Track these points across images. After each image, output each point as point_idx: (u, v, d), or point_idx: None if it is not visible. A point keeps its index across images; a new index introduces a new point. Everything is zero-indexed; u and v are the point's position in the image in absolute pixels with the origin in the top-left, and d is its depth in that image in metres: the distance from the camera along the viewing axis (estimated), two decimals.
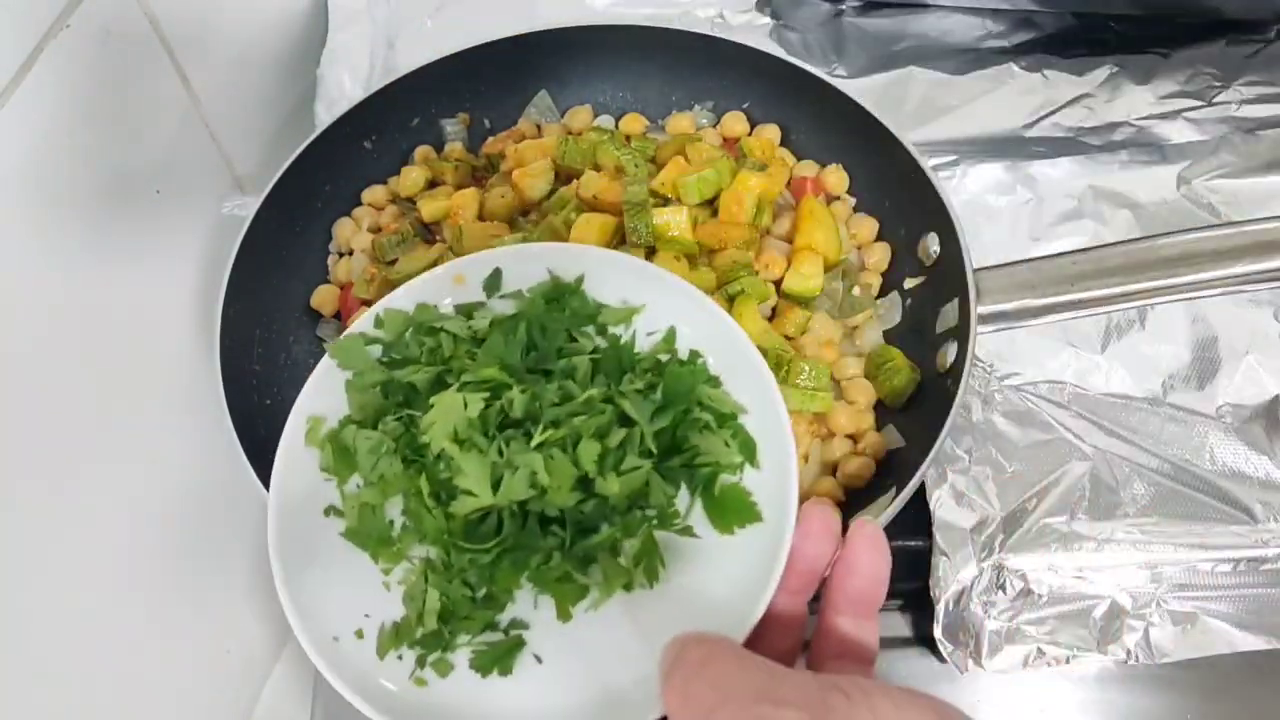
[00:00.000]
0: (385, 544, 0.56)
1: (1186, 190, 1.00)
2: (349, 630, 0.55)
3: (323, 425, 0.60)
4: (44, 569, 0.78)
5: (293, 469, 0.60)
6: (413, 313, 0.62)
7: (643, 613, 0.54)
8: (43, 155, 0.75)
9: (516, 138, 1.00)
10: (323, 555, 0.57)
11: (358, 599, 0.56)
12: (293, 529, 0.57)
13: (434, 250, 0.89)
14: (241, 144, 1.00)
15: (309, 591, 0.55)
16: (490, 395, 0.55)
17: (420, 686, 0.54)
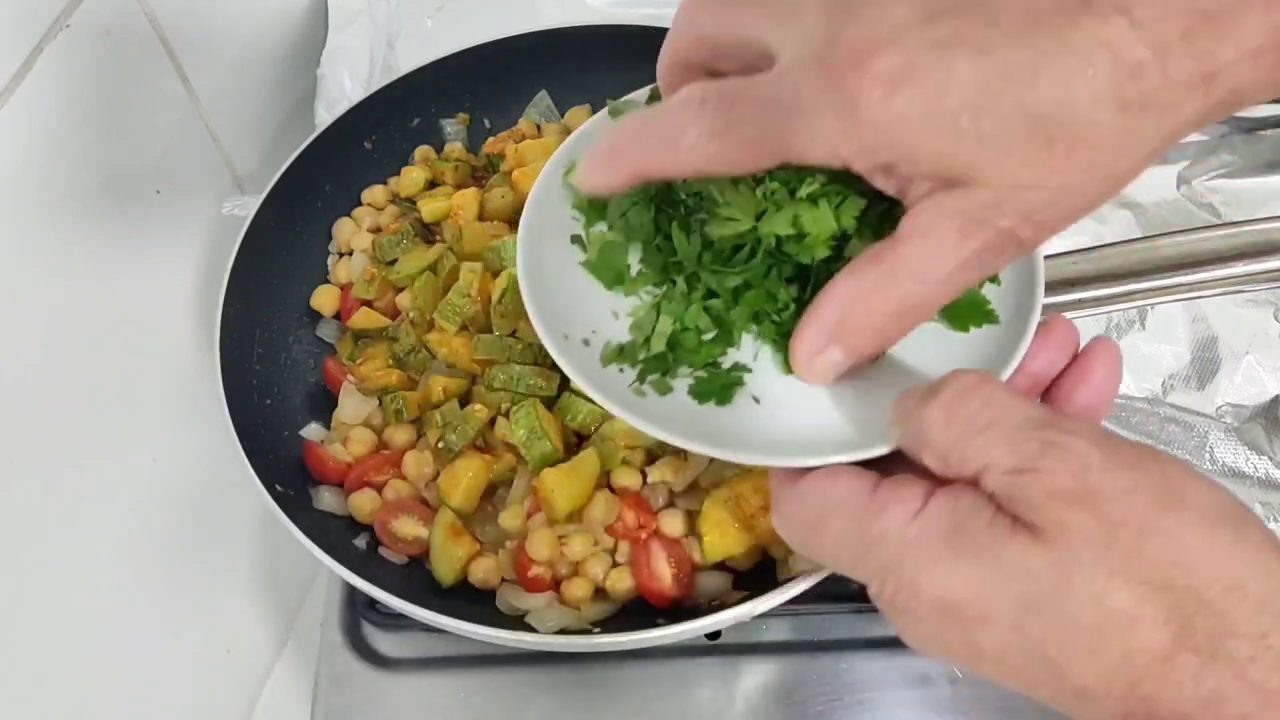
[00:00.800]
0: (621, 279, 0.59)
1: (1186, 190, 1.00)
2: (577, 336, 0.57)
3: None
4: (44, 569, 0.78)
5: (546, 194, 0.62)
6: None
7: (865, 382, 0.53)
8: (43, 155, 0.75)
9: (516, 138, 0.99)
10: (560, 273, 0.60)
11: (587, 317, 0.58)
12: (538, 242, 0.60)
13: (434, 250, 0.89)
14: (241, 144, 1.00)
15: (544, 291, 0.58)
16: None
17: (639, 395, 0.55)
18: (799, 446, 0.50)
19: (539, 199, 0.62)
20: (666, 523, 0.76)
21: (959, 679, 0.79)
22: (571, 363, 0.55)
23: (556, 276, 0.59)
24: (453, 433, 0.80)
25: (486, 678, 0.84)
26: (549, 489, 0.76)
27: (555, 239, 0.61)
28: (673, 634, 0.69)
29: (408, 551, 0.79)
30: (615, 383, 0.55)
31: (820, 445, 0.50)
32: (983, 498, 0.42)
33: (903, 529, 0.43)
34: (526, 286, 0.57)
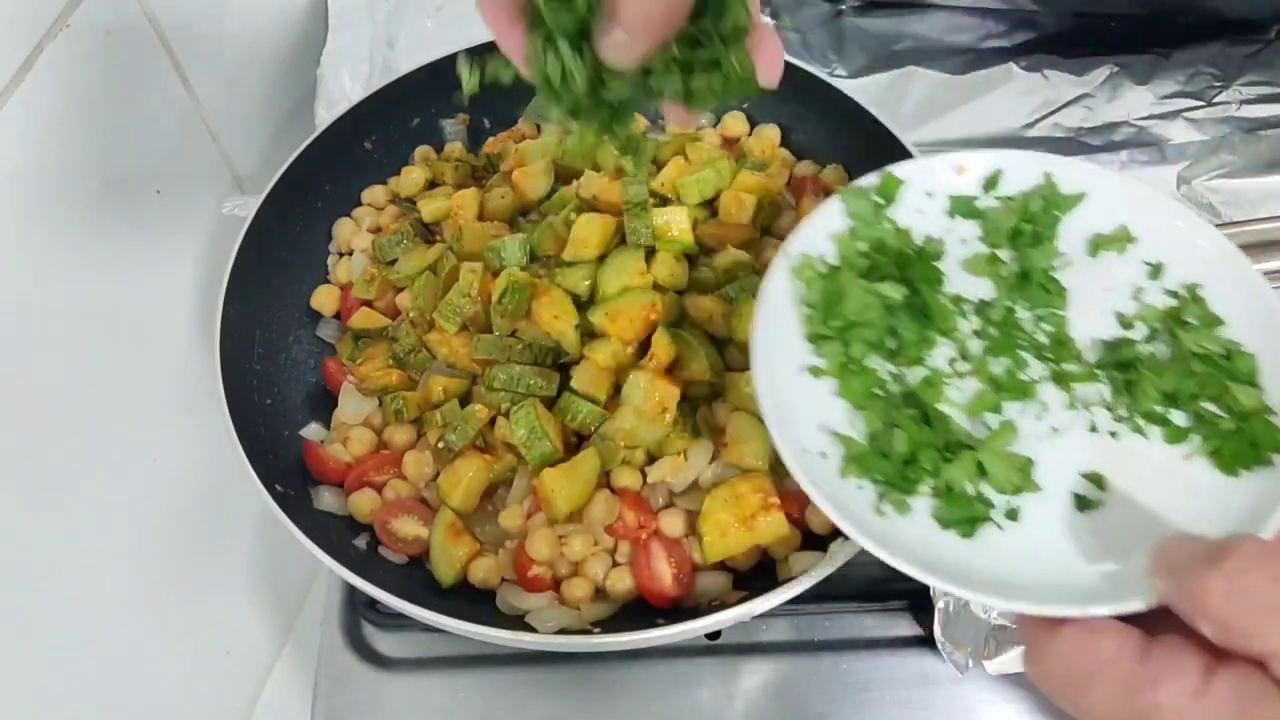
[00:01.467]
0: (868, 396, 0.59)
1: (1186, 190, 1.00)
2: (815, 448, 0.57)
3: (813, 265, 0.62)
4: (44, 569, 0.78)
5: (776, 294, 0.62)
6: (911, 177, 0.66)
7: (1103, 516, 0.54)
8: (43, 155, 0.75)
9: (516, 138, 1.00)
10: (795, 377, 0.59)
11: (823, 422, 0.58)
12: (771, 344, 0.60)
13: (434, 250, 0.89)
14: (241, 144, 1.00)
15: (782, 401, 0.57)
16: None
17: (878, 517, 0.55)
18: (1052, 591, 0.48)
19: (768, 301, 0.61)
20: (666, 523, 0.76)
21: (959, 679, 0.79)
22: (810, 478, 0.54)
23: (789, 386, 0.59)
24: (453, 433, 0.80)
25: (486, 678, 0.84)
26: (549, 489, 0.76)
27: (789, 342, 0.61)
28: (673, 634, 0.69)
29: (408, 551, 0.79)
30: (854, 501, 0.55)
31: (1075, 591, 0.49)
32: (1272, 683, 0.39)
33: (1183, 707, 0.40)
34: (765, 398, 0.56)
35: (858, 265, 0.62)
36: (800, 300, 0.62)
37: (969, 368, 0.60)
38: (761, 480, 0.76)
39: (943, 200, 0.66)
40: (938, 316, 0.61)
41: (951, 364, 0.60)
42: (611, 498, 0.77)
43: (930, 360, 0.60)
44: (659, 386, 0.77)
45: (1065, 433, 0.57)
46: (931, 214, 0.66)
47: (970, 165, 0.67)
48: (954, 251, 0.64)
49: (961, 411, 0.58)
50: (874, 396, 0.59)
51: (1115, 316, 0.61)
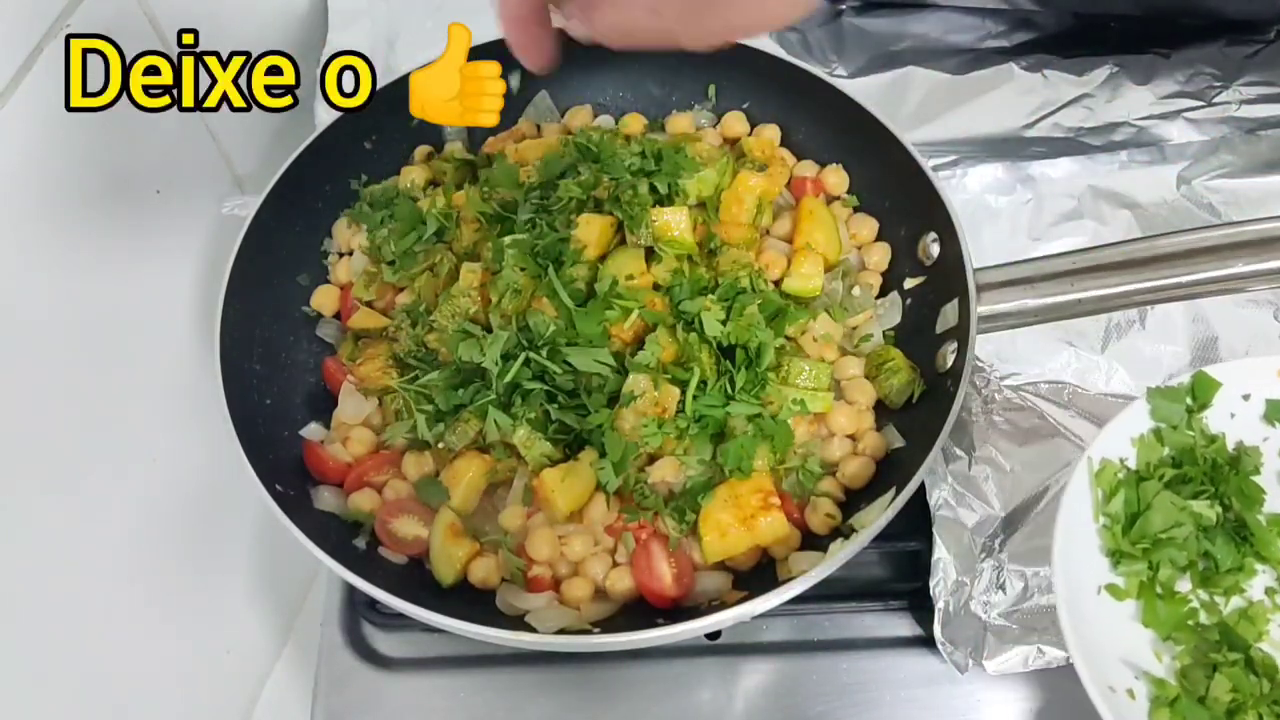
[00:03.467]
0: (1178, 625, 0.55)
1: (1186, 190, 1.00)
2: (1122, 686, 0.54)
3: (1115, 470, 0.59)
4: (45, 569, 0.78)
5: (1077, 500, 0.59)
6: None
7: None
8: (43, 155, 0.75)
9: (516, 138, 0.99)
10: (1094, 597, 0.56)
11: (1126, 653, 0.55)
12: (1071, 558, 0.56)
13: (434, 250, 0.89)
14: (241, 144, 1.00)
15: (1083, 623, 0.54)
16: None
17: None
18: None
19: (1068, 509, 0.58)
20: (666, 523, 0.76)
21: (960, 679, 0.79)
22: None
23: (1090, 607, 0.55)
24: (453, 433, 0.80)
25: (486, 678, 0.84)
26: (549, 489, 0.76)
27: (1088, 557, 0.57)
28: (673, 634, 0.69)
29: (408, 551, 0.79)
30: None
31: None
32: None
33: None
34: (1066, 620, 0.54)
35: (1164, 474, 0.58)
36: (1099, 510, 0.58)
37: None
38: (762, 480, 0.76)
39: (1260, 404, 0.62)
40: (1258, 540, 0.56)
41: (1271, 595, 0.56)
42: (612, 498, 0.77)
43: (1249, 590, 0.55)
44: (659, 386, 0.77)
45: None
46: (1246, 419, 0.61)
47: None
48: (1272, 463, 0.60)
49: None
50: (1185, 627, 0.54)
51: None
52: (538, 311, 0.81)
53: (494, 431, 0.79)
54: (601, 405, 0.77)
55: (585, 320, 0.79)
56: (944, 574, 0.79)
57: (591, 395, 0.78)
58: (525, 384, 0.78)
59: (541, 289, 0.82)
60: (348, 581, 0.71)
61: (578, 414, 0.78)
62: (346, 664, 0.85)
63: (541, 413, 0.78)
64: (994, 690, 0.81)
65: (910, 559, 0.84)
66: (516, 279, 0.82)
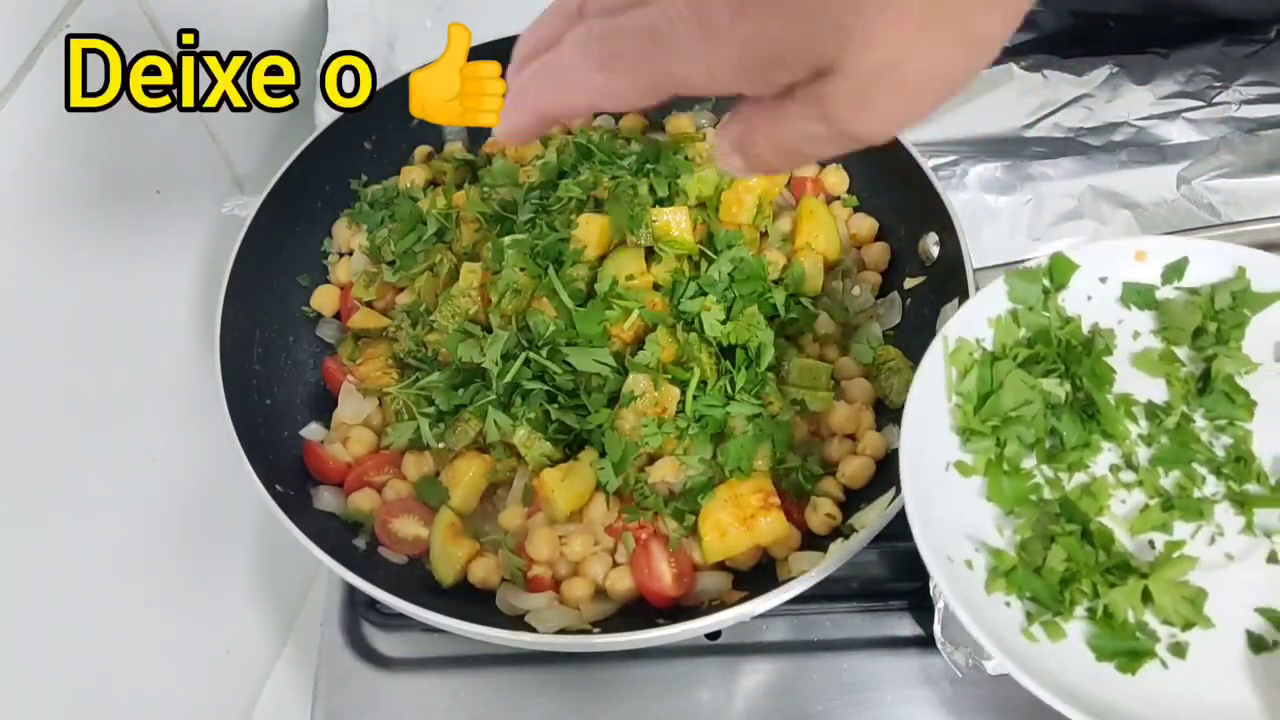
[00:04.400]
0: (1021, 500, 0.55)
1: (1186, 190, 1.00)
2: (960, 557, 0.54)
3: (970, 350, 0.59)
4: (45, 569, 0.78)
5: (930, 380, 0.59)
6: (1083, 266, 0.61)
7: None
8: (43, 155, 0.75)
9: None
10: (942, 474, 0.56)
11: (970, 534, 0.55)
12: (920, 436, 0.56)
13: (434, 250, 0.89)
14: (241, 144, 1.00)
15: (925, 498, 0.54)
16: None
17: (1028, 640, 0.51)
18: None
19: (920, 388, 0.58)
20: (666, 523, 0.76)
21: (959, 679, 0.79)
22: (954, 590, 0.51)
23: (935, 482, 0.55)
24: (453, 433, 0.80)
25: (486, 678, 0.84)
26: (549, 489, 0.76)
27: (938, 435, 0.57)
28: (673, 634, 0.69)
29: (408, 551, 0.79)
30: (1001, 621, 0.51)
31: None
32: None
33: None
34: (910, 495, 0.54)
35: (1018, 354, 0.58)
36: (953, 389, 0.58)
37: (1135, 478, 0.56)
38: (762, 480, 0.76)
39: (1116, 287, 0.62)
40: (1105, 418, 0.56)
41: (1115, 472, 0.56)
42: (612, 498, 0.77)
43: (1092, 467, 0.56)
44: (659, 386, 0.77)
45: (1241, 561, 0.53)
46: (1103, 302, 0.61)
47: (1152, 251, 0.62)
48: (1125, 345, 0.60)
49: (1124, 527, 0.54)
50: (1027, 502, 0.55)
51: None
52: (538, 311, 0.81)
53: (494, 432, 0.79)
54: (601, 405, 0.77)
55: (585, 320, 0.79)
56: None
57: (591, 395, 0.78)
58: (525, 384, 0.78)
59: (541, 289, 0.82)
60: (348, 581, 0.71)
61: (578, 414, 0.78)
62: (346, 664, 0.85)
63: (541, 413, 0.78)
64: (994, 690, 0.81)
65: (910, 559, 0.83)
66: (516, 279, 0.82)
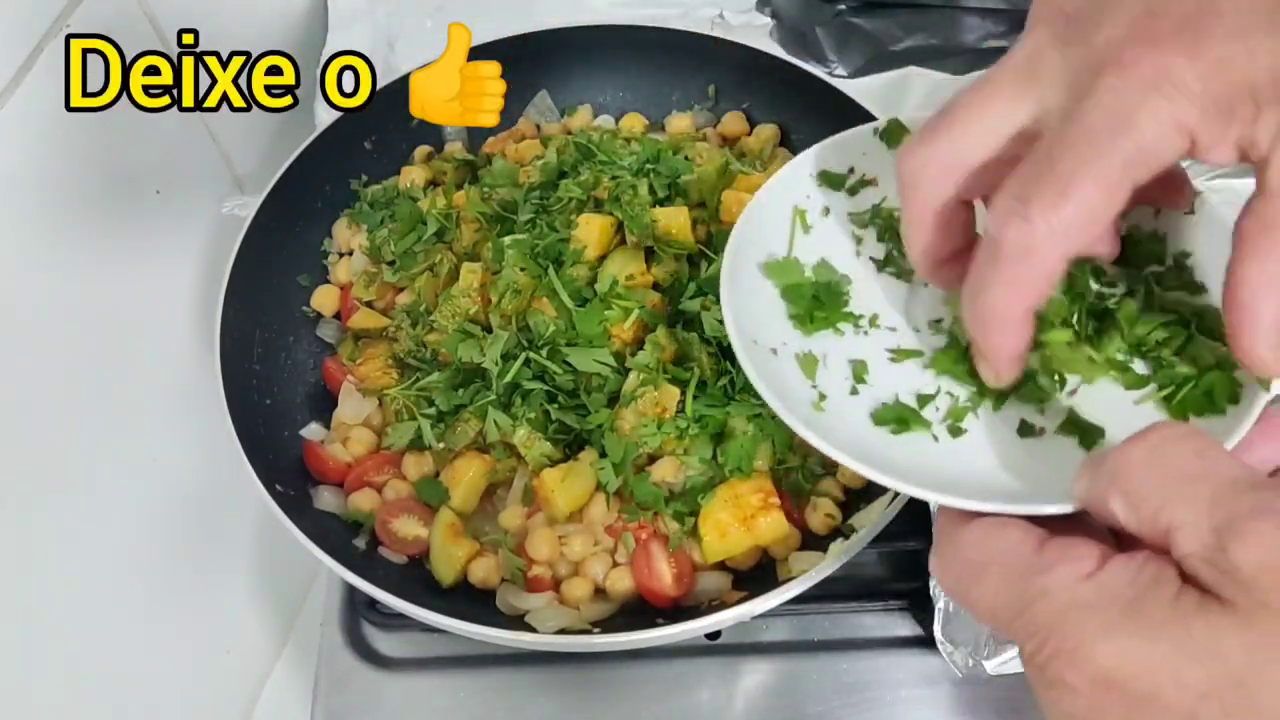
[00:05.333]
0: (810, 320, 0.59)
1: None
2: (766, 345, 0.57)
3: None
4: (44, 568, 0.78)
5: (757, 214, 0.62)
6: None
7: (1054, 443, 0.53)
8: (43, 155, 0.75)
9: (516, 138, 1.00)
10: (754, 283, 0.60)
11: (780, 327, 0.58)
12: (740, 254, 0.60)
13: (434, 250, 0.89)
14: (241, 144, 1.00)
15: (739, 297, 0.58)
16: None
17: (816, 411, 0.55)
18: (971, 489, 0.47)
19: (745, 225, 0.61)
20: (666, 523, 0.76)
21: (959, 679, 0.79)
22: (756, 368, 0.54)
23: (751, 290, 0.59)
24: (453, 433, 0.80)
25: (486, 678, 0.84)
26: (549, 489, 0.76)
27: (755, 258, 0.61)
28: (673, 634, 0.69)
29: (408, 551, 0.79)
30: (796, 395, 0.55)
31: (993, 491, 0.48)
32: (1170, 568, 0.37)
33: (1071, 589, 0.38)
34: (726, 290, 0.57)
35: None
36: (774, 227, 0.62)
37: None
38: (762, 480, 0.76)
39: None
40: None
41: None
42: (612, 498, 0.77)
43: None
44: (659, 386, 0.77)
45: None
46: None
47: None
48: None
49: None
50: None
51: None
52: (538, 311, 0.81)
53: (494, 432, 0.79)
54: (601, 405, 0.77)
55: (585, 320, 0.79)
56: None
57: (591, 395, 0.78)
58: (525, 384, 0.78)
59: (541, 289, 0.82)
60: (348, 581, 0.71)
61: (578, 414, 0.78)
62: (346, 664, 0.85)
63: (541, 413, 0.78)
64: (994, 690, 0.81)
65: (910, 559, 0.84)
66: (516, 279, 0.82)
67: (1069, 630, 0.37)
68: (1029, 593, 0.39)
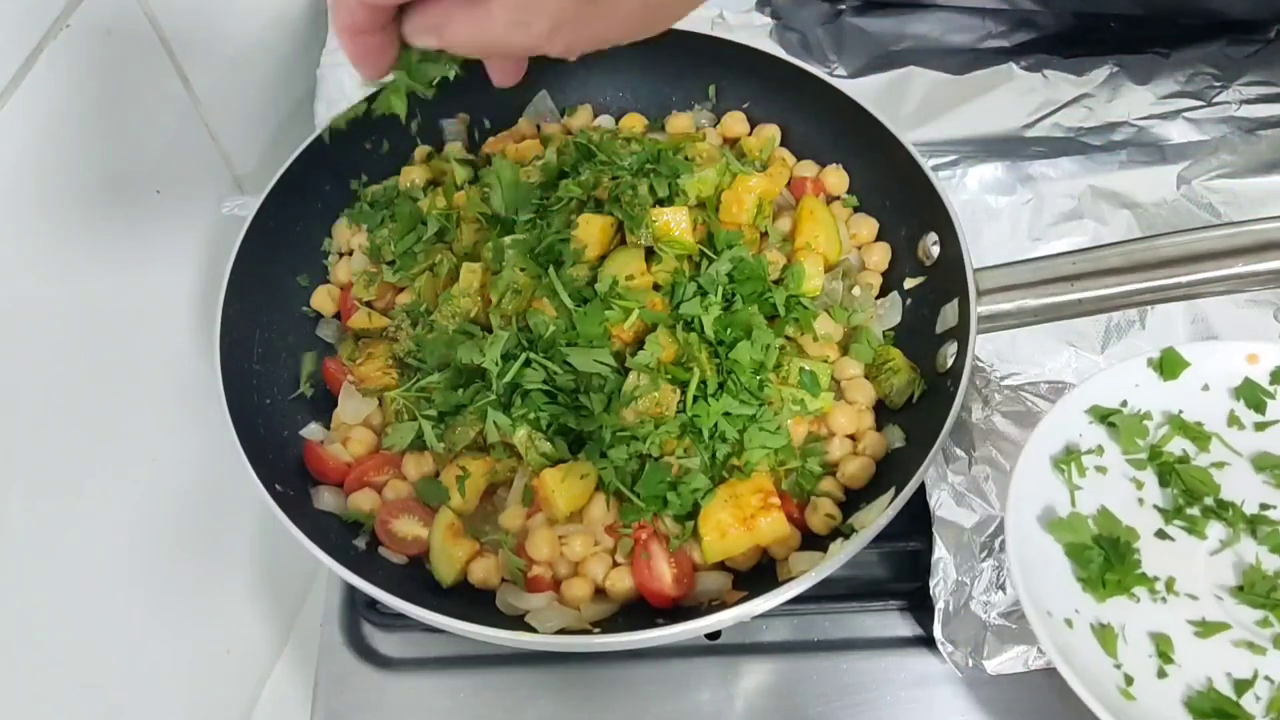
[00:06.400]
0: (1102, 584, 0.59)
1: (1186, 190, 1.00)
2: (1060, 615, 0.57)
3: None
4: (44, 569, 0.78)
5: (1029, 471, 0.62)
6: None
7: None
8: (43, 155, 0.75)
9: (516, 138, 0.99)
10: (1037, 540, 0.60)
11: (1067, 594, 0.58)
12: (1023, 515, 0.60)
13: (434, 250, 0.89)
14: (241, 144, 1.00)
15: (1028, 562, 0.58)
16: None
17: (1126, 700, 0.54)
18: None
19: (1021, 480, 0.62)
20: (666, 523, 0.76)
21: (959, 679, 0.79)
22: (1056, 647, 0.53)
23: (1036, 552, 0.58)
24: (453, 434, 0.80)
25: (486, 678, 0.84)
26: (549, 489, 0.76)
27: (1034, 513, 0.61)
28: (673, 634, 0.69)
29: (408, 551, 0.79)
30: (1101, 676, 0.54)
31: None
32: None
33: None
34: (1013, 553, 0.57)
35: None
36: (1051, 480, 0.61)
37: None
38: (762, 480, 0.76)
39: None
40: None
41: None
42: (612, 498, 0.77)
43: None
44: (659, 387, 0.77)
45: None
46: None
47: (1265, 357, 0.68)
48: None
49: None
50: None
51: None
52: (538, 311, 0.81)
53: (494, 432, 0.79)
54: (601, 405, 0.77)
55: (585, 320, 0.79)
56: (944, 574, 0.79)
57: (591, 395, 0.78)
58: (525, 384, 0.78)
59: (541, 289, 0.82)
60: (348, 581, 0.71)
61: (578, 414, 0.78)
62: (346, 664, 0.85)
63: (541, 413, 0.78)
64: (994, 690, 0.81)
65: (910, 559, 0.84)
66: (517, 279, 0.82)
67: None
68: None
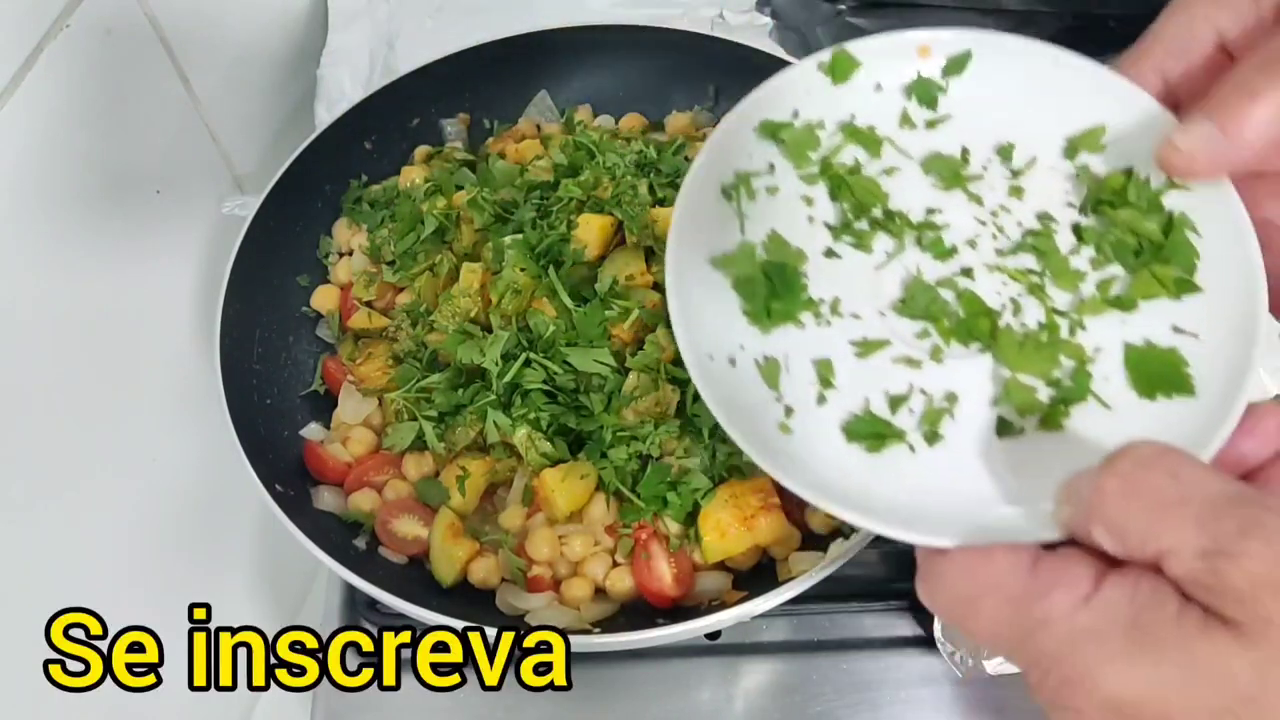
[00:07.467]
0: (767, 314, 0.54)
1: None
2: (723, 355, 0.52)
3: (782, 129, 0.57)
4: (44, 568, 0.78)
5: (691, 210, 0.55)
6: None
7: (1032, 453, 0.48)
8: (43, 155, 0.75)
9: (516, 138, 0.99)
10: (705, 279, 0.54)
11: (733, 331, 0.53)
12: (684, 255, 0.54)
13: (434, 251, 0.89)
14: (241, 144, 1.00)
15: (693, 304, 0.52)
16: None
17: (784, 433, 0.50)
18: (950, 521, 0.45)
19: (683, 216, 0.55)
20: (666, 523, 0.76)
21: (959, 679, 0.79)
22: (713, 392, 0.49)
23: (702, 291, 0.53)
24: (453, 434, 0.80)
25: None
26: (549, 489, 0.76)
27: (701, 252, 0.55)
28: (673, 634, 0.69)
29: (408, 551, 0.79)
30: (761, 414, 0.50)
31: (973, 522, 0.45)
32: (1166, 585, 0.37)
33: (1071, 616, 0.38)
34: (673, 296, 0.52)
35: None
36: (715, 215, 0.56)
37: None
38: (762, 480, 0.76)
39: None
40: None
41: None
42: (612, 498, 0.77)
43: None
44: (659, 387, 0.77)
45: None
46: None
47: (935, 48, 0.62)
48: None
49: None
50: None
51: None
52: (538, 311, 0.81)
53: (494, 432, 0.79)
54: (601, 405, 0.77)
55: (585, 320, 0.79)
56: None
57: (591, 395, 0.78)
58: (525, 384, 0.78)
59: (541, 289, 0.82)
60: (348, 581, 0.71)
61: (578, 414, 0.78)
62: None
63: (541, 413, 0.78)
64: (994, 690, 0.81)
65: (910, 559, 0.84)
66: (516, 279, 0.82)
67: (1074, 659, 0.37)
68: (1028, 622, 0.39)
